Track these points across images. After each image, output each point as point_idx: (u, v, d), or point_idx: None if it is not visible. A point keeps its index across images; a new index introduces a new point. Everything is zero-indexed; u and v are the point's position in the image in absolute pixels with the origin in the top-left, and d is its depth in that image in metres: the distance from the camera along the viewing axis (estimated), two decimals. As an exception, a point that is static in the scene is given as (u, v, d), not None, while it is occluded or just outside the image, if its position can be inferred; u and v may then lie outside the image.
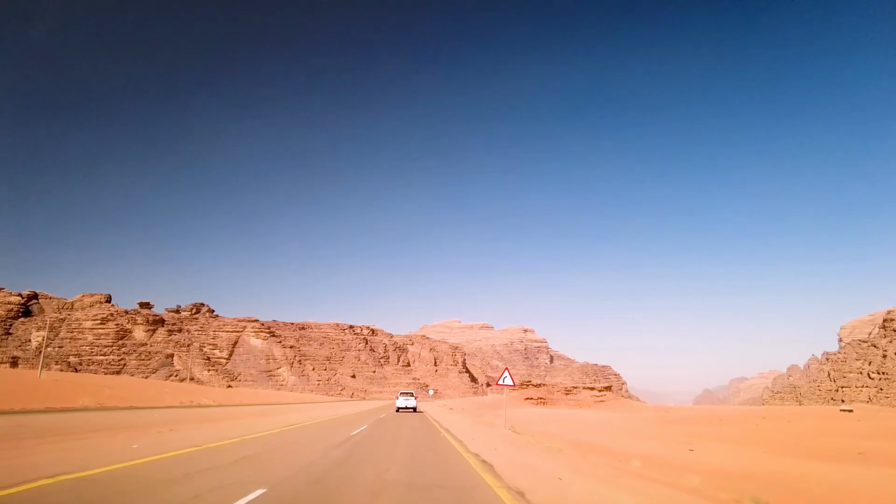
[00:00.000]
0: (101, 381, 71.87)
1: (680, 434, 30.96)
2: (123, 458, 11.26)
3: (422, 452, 15.94)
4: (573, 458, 15.88)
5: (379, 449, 16.15)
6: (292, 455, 14.25)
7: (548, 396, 79.95)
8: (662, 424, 40.91)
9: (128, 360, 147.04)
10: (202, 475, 9.82)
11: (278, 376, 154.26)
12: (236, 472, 10.45)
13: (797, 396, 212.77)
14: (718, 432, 31.87)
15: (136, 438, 15.87)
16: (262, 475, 10.11)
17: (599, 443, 24.21)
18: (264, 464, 11.92)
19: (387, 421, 33.30)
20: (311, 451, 15.20)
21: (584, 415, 56.06)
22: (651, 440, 27.15)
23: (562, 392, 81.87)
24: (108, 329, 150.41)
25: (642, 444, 24.96)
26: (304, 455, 14.18)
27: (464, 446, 17.98)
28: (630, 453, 19.46)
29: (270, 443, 17.64)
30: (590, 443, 23.75)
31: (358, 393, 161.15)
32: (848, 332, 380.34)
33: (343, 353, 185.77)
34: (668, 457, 19.87)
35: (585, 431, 33.45)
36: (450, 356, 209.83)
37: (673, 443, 26.11)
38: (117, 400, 42.28)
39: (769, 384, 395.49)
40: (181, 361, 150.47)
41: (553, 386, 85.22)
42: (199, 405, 53.30)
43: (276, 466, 11.54)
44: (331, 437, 20.33)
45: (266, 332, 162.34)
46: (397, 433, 23.79)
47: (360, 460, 13.22)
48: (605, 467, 13.86)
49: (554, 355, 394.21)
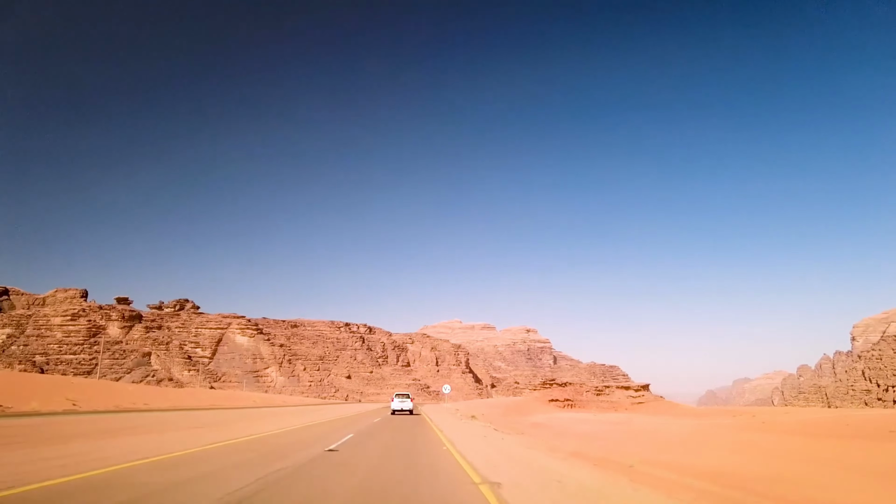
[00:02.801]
0: (52, 382, 59.72)
1: (868, 458, 18.26)
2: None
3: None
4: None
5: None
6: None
7: (576, 398, 67.35)
8: (783, 437, 28.05)
9: (100, 359, 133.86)
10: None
11: (266, 377, 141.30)
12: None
13: (823, 397, 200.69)
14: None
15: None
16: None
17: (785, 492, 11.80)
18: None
19: (374, 431, 20.90)
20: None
21: (638, 422, 42.93)
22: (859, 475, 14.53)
23: (591, 392, 69.18)
24: (79, 326, 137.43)
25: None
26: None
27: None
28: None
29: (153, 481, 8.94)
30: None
31: (353, 395, 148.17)
32: (861, 330, 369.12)
33: (338, 353, 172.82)
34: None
35: (681, 452, 20.92)
36: (452, 356, 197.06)
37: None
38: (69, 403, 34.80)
39: (778, 385, 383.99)
40: (159, 361, 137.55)
41: (581, 385, 72.48)
42: (149, 409, 45.04)
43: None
44: (271, 463, 11.76)
45: (253, 329, 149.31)
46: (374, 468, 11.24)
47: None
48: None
49: (557, 356, 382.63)
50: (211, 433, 21.27)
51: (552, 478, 11.05)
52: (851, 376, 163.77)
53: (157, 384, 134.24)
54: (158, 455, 13.01)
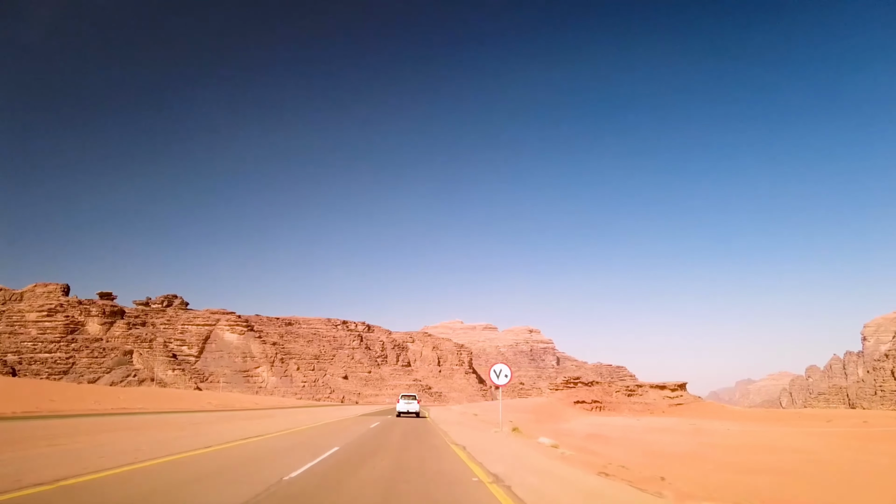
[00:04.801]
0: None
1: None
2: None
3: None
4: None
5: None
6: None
7: (604, 399, 58.07)
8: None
9: (78, 357, 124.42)
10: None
11: (256, 377, 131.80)
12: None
13: (845, 398, 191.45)
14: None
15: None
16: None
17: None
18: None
19: (368, 444, 13.84)
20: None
21: (711, 431, 33.37)
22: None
23: (622, 393, 59.77)
24: (55, 322, 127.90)
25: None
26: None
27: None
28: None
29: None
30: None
31: (350, 396, 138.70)
32: (872, 330, 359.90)
33: (334, 352, 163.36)
34: None
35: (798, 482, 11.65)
36: (455, 355, 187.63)
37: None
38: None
39: (786, 386, 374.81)
40: (142, 360, 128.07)
41: (608, 385, 63.06)
42: (94, 413, 37.65)
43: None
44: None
45: (243, 325, 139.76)
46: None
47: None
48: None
49: (560, 357, 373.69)
50: (182, 440, 12.43)
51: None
52: (879, 376, 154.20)
53: (139, 385, 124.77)
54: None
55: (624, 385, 62.40)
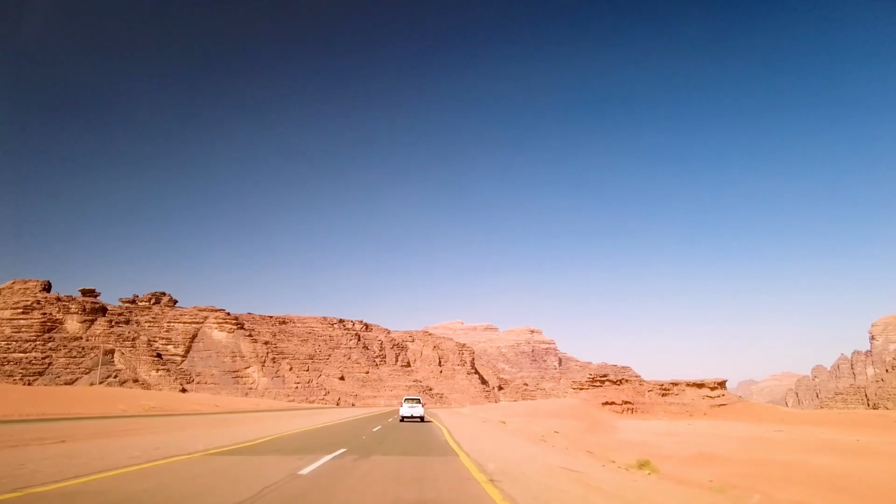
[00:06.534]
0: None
1: None
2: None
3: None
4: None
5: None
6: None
7: (636, 400, 50.32)
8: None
9: (55, 357, 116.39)
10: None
11: (246, 378, 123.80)
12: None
13: (863, 398, 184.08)
14: None
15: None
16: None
17: None
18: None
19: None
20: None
21: (836, 443, 25.72)
22: None
23: (656, 392, 51.95)
24: (31, 320, 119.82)
25: None
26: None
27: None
28: None
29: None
30: None
31: (346, 398, 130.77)
32: (881, 329, 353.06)
33: (330, 351, 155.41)
34: None
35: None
36: (456, 355, 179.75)
37: None
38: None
39: (792, 386, 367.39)
40: (124, 359, 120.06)
41: (640, 384, 55.13)
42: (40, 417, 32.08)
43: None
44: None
45: (233, 323, 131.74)
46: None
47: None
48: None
49: (562, 357, 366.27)
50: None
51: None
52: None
53: (120, 386, 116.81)
54: None
55: (657, 384, 54.62)
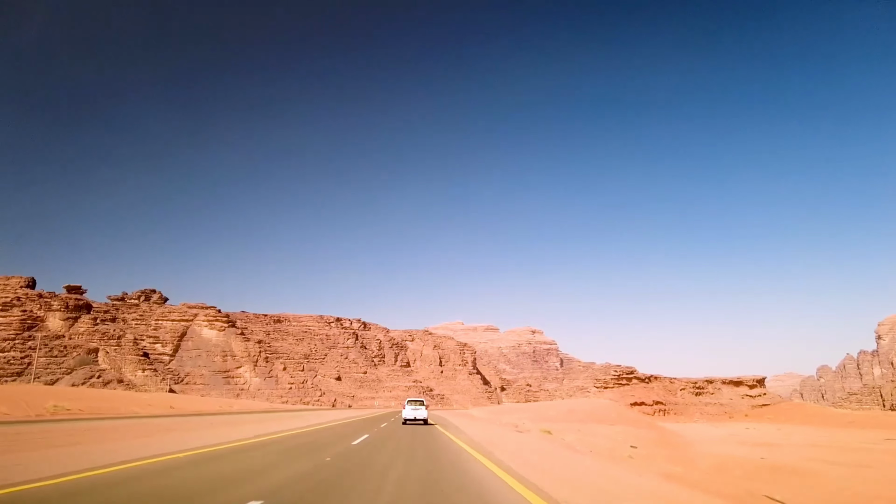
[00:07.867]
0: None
1: None
2: None
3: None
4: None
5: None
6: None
7: (668, 399, 44.73)
8: None
9: (34, 357, 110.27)
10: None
11: (237, 378, 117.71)
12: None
13: (878, 398, 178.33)
14: None
15: None
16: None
17: None
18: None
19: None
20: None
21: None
22: None
23: (689, 391, 46.13)
24: (10, 317, 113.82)
25: None
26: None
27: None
28: None
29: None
30: None
31: (343, 399, 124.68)
32: (887, 328, 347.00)
33: (327, 351, 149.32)
34: None
35: None
36: (457, 355, 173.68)
37: None
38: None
39: (797, 387, 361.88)
40: (108, 359, 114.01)
41: (670, 381, 49.26)
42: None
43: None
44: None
45: (224, 321, 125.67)
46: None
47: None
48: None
49: (564, 358, 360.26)
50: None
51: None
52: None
53: (104, 387, 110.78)
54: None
55: (689, 381, 48.68)
